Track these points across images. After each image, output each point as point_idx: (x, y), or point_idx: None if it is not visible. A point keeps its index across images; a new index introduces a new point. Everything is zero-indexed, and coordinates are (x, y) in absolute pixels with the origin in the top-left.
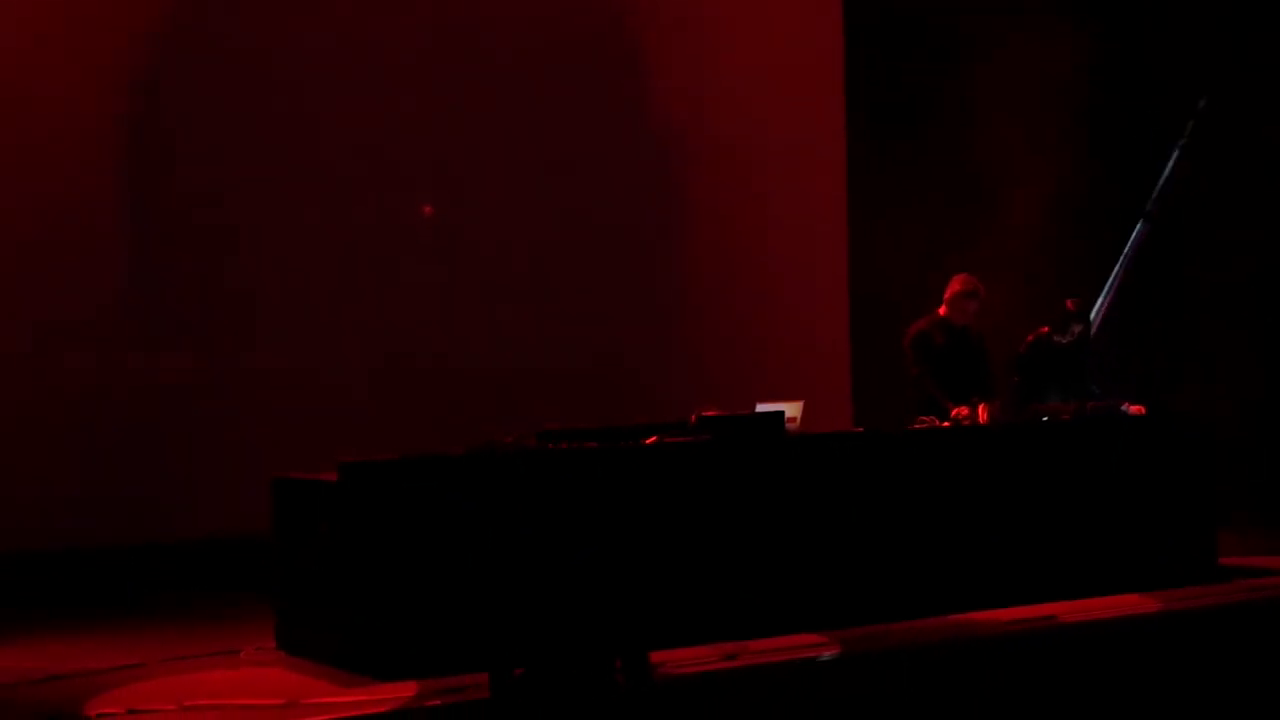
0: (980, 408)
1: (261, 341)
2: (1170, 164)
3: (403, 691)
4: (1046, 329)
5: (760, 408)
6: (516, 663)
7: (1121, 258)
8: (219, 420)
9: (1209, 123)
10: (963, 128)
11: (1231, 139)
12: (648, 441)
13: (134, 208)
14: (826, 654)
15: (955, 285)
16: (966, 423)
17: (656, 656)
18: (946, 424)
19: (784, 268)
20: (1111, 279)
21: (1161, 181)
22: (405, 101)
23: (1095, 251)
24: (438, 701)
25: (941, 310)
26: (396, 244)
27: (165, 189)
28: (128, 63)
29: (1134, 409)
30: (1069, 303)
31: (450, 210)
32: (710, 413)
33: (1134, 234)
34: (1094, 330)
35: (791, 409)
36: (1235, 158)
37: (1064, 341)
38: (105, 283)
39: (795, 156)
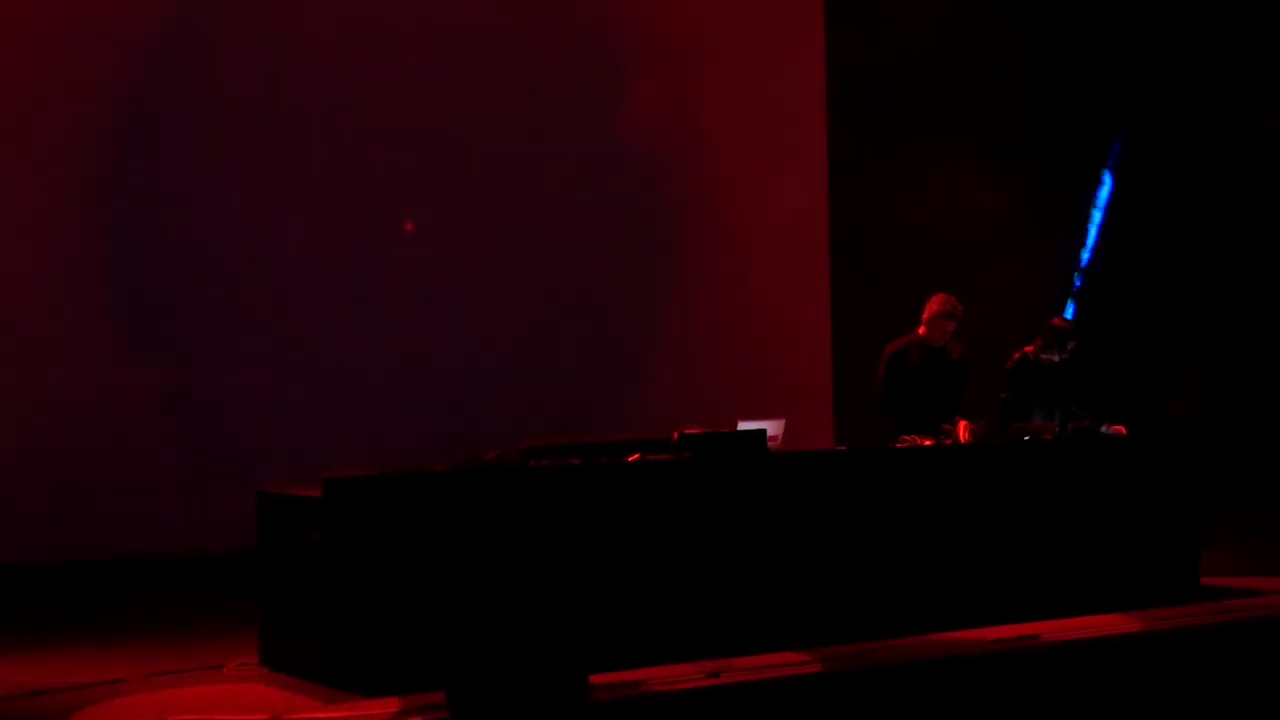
0: (961, 425)
1: (245, 355)
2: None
3: (386, 708)
4: (1031, 347)
5: (742, 425)
6: (490, 677)
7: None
8: (202, 434)
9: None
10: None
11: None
12: (630, 459)
13: (114, 221)
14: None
15: (933, 305)
16: (948, 442)
17: (639, 674)
18: (929, 442)
19: (767, 285)
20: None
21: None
22: (388, 115)
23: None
24: (420, 718)
25: (920, 330)
26: (381, 255)
27: (145, 200)
28: (105, 76)
29: (1115, 429)
30: (1056, 320)
31: (433, 222)
32: (692, 430)
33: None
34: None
35: (773, 427)
36: (1220, 162)
37: (1058, 359)
38: (86, 298)
39: (778, 171)
